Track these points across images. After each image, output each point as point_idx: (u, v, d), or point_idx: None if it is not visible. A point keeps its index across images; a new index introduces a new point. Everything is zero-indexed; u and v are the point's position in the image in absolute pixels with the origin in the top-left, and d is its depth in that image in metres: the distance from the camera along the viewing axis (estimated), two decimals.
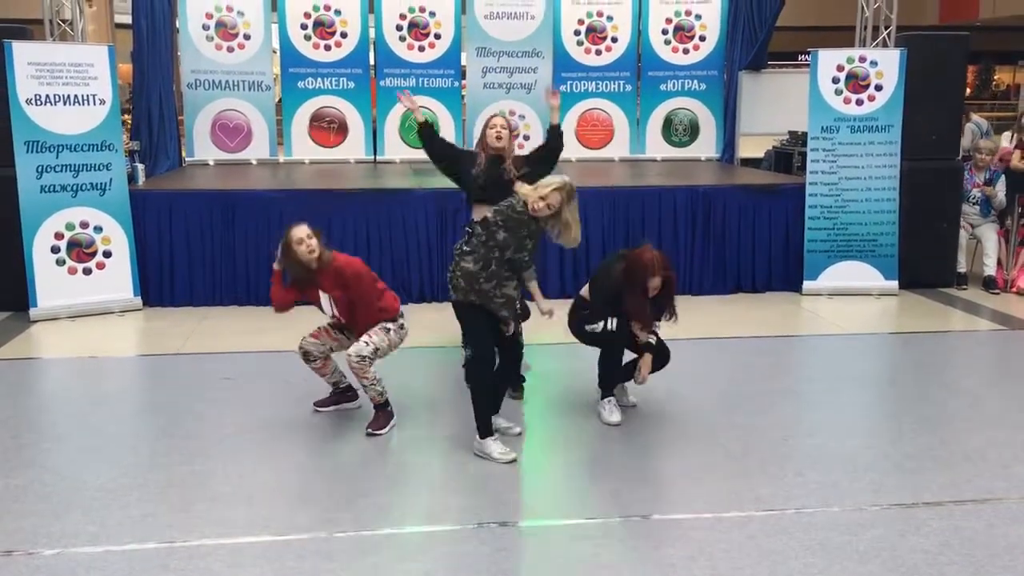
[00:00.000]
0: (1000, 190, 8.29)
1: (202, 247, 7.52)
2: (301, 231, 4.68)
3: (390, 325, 4.82)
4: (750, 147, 10.73)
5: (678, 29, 10.65)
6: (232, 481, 4.22)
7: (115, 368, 6.17)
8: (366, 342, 4.71)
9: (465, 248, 4.47)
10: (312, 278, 4.75)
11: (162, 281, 7.53)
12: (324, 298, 4.83)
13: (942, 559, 3.51)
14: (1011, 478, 4.27)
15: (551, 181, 4.39)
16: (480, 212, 4.93)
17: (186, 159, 9.86)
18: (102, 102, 7.23)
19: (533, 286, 4.57)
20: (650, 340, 4.92)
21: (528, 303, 5.00)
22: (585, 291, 5.08)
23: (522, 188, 4.43)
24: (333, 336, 4.94)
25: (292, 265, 4.72)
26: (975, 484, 4.19)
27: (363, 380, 4.74)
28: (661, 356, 5.03)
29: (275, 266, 4.81)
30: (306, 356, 4.94)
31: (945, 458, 4.51)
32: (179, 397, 5.41)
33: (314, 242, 4.67)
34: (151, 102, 9.03)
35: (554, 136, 5.44)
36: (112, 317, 7.21)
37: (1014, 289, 8.13)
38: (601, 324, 4.81)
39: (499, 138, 5.24)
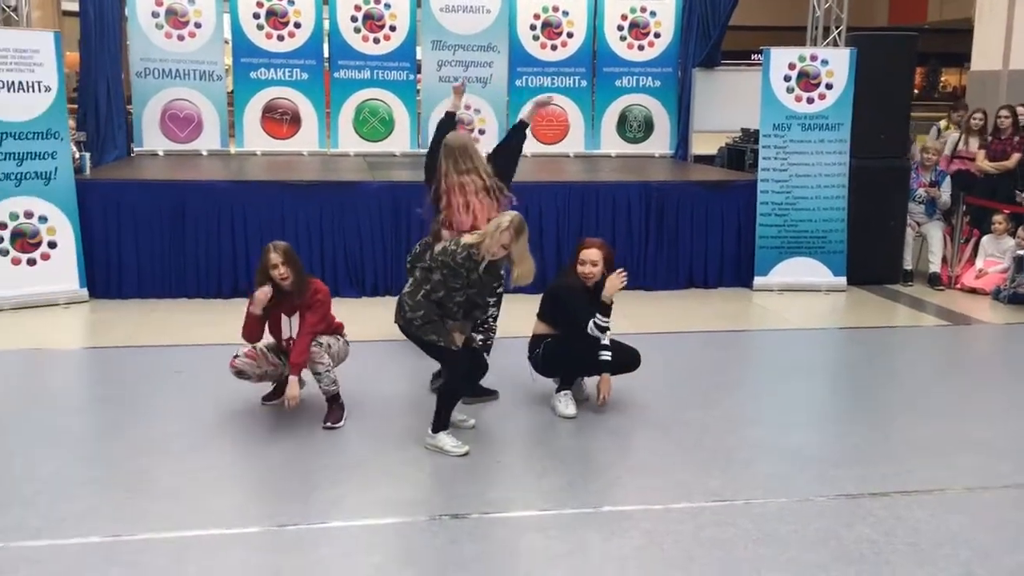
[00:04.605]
0: (945, 191, 8.48)
1: (151, 238, 7.38)
2: (276, 257, 4.64)
3: (340, 336, 4.94)
4: (703, 144, 10.83)
5: (633, 26, 10.71)
6: (180, 475, 4.15)
7: (60, 361, 6.04)
8: (317, 340, 4.73)
9: (417, 250, 4.50)
10: (281, 299, 4.73)
11: (109, 273, 7.37)
12: (286, 322, 4.79)
13: (887, 548, 3.58)
14: (954, 468, 4.36)
15: (500, 222, 4.35)
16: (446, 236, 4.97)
17: (134, 149, 9.68)
18: (47, 89, 7.06)
19: (456, 336, 4.48)
20: (607, 358, 4.93)
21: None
22: (537, 327, 5.10)
23: (468, 238, 4.42)
24: (270, 360, 4.87)
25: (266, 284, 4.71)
26: (919, 475, 4.28)
27: (318, 366, 4.70)
28: (630, 361, 5.07)
29: (252, 310, 4.72)
30: (239, 374, 4.83)
31: (890, 449, 4.60)
32: (126, 390, 5.31)
33: (285, 270, 4.64)
34: (98, 91, 8.83)
35: (521, 133, 5.45)
36: (57, 309, 7.05)
37: (958, 285, 8.32)
38: (597, 323, 4.82)
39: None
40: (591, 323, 4.81)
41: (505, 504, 3.98)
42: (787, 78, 8.13)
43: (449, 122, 5.38)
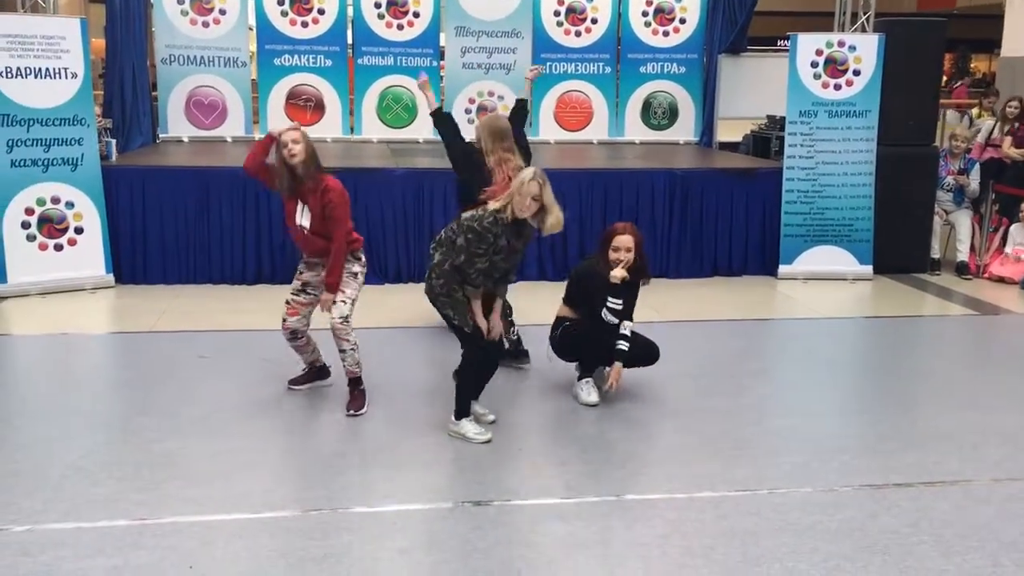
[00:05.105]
0: (974, 179, 8.37)
1: (176, 224, 7.42)
2: (292, 134, 4.60)
3: (356, 269, 4.80)
4: (728, 131, 10.75)
5: (658, 11, 10.62)
6: (205, 459, 4.19)
7: (87, 345, 6.10)
8: (343, 300, 4.68)
9: (442, 237, 4.45)
10: (294, 186, 4.67)
11: (135, 258, 7.43)
12: (299, 209, 4.71)
13: (912, 539, 3.55)
14: (980, 460, 4.32)
15: (523, 177, 4.28)
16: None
17: (160, 135, 9.73)
18: (74, 76, 7.10)
19: (475, 304, 4.42)
20: (623, 348, 4.90)
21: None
22: (561, 310, 5.10)
23: (493, 204, 4.34)
24: (305, 302, 4.86)
25: (277, 166, 4.67)
26: (945, 466, 4.24)
27: (344, 343, 4.71)
28: (647, 356, 5.05)
29: (271, 132, 4.70)
30: (293, 335, 4.88)
31: (916, 440, 4.56)
32: (152, 375, 5.35)
33: (299, 148, 4.57)
34: (124, 77, 8.87)
35: (524, 111, 5.79)
36: (84, 294, 7.12)
37: (986, 274, 8.22)
38: (609, 306, 4.81)
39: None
40: (604, 308, 4.79)
41: (527, 492, 3.98)
42: (814, 64, 8.04)
43: (450, 119, 5.55)
